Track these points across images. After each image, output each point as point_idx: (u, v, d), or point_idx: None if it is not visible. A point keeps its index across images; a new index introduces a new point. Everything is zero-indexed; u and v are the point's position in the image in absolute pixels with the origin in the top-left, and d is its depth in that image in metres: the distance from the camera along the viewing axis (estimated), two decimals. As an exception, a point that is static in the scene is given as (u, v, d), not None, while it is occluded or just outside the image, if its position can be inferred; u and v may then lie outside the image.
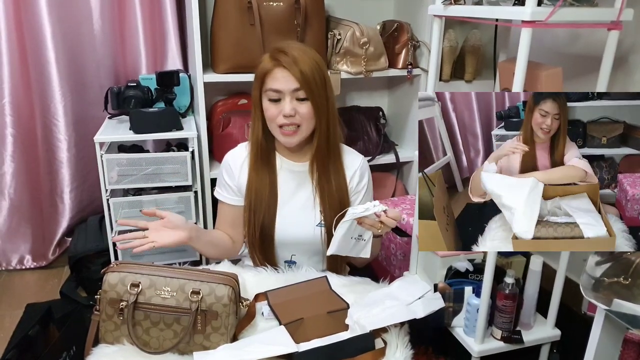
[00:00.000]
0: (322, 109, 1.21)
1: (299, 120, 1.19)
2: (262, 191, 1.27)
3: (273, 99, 1.19)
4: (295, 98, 1.18)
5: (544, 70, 1.22)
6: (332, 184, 1.27)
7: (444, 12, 1.29)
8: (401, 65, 1.94)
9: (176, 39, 2.04)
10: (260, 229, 1.27)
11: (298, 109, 1.18)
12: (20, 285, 1.97)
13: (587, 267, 0.85)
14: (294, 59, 1.16)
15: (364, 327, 1.00)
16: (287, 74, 1.16)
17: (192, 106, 1.95)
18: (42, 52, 1.90)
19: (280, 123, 1.20)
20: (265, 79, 1.20)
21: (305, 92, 1.17)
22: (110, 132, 1.74)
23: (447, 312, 1.36)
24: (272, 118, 1.20)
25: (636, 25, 1.37)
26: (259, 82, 1.21)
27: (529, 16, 1.01)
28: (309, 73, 1.16)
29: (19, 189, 2.01)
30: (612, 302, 0.77)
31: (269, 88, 1.19)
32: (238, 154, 1.33)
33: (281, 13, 1.73)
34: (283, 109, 1.18)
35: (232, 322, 0.99)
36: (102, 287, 0.97)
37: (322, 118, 1.22)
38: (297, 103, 1.18)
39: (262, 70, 1.20)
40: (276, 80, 1.17)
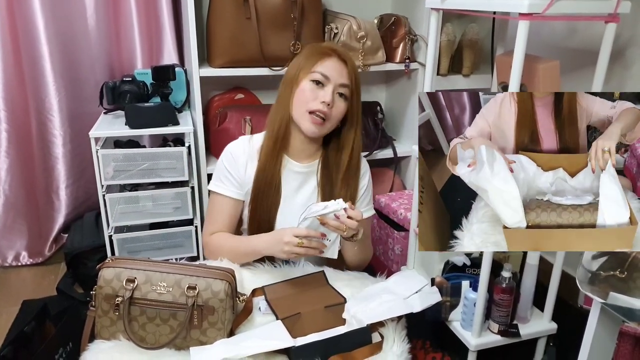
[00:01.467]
0: (354, 115, 1.23)
1: (330, 114, 1.18)
2: (270, 183, 1.24)
3: (317, 80, 1.17)
4: (337, 93, 1.19)
5: (542, 63, 1.22)
6: (345, 187, 1.26)
7: (442, 5, 1.29)
8: (399, 60, 1.94)
9: (172, 33, 2.02)
10: (259, 224, 1.26)
11: (336, 102, 1.19)
12: (17, 282, 1.97)
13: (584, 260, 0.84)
14: (350, 59, 1.21)
15: (361, 322, 1.00)
16: (343, 67, 1.18)
17: (188, 101, 1.94)
18: (36, 47, 1.88)
19: (313, 108, 1.17)
20: (317, 62, 1.18)
21: (350, 90, 1.20)
22: (105, 127, 1.73)
23: (445, 306, 1.37)
24: (307, 100, 1.17)
25: (633, 17, 1.37)
26: (310, 63, 1.18)
27: (526, 8, 1.01)
28: (358, 77, 1.22)
29: (14, 185, 1.99)
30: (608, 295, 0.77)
31: (320, 71, 1.17)
32: (242, 148, 1.27)
33: (277, 6, 1.72)
34: (323, 95, 1.16)
35: (229, 317, 0.98)
36: (98, 282, 0.97)
37: (354, 125, 1.24)
38: (336, 97, 1.19)
39: (316, 52, 1.20)
40: (330, 67, 1.18)
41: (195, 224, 1.83)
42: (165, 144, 1.85)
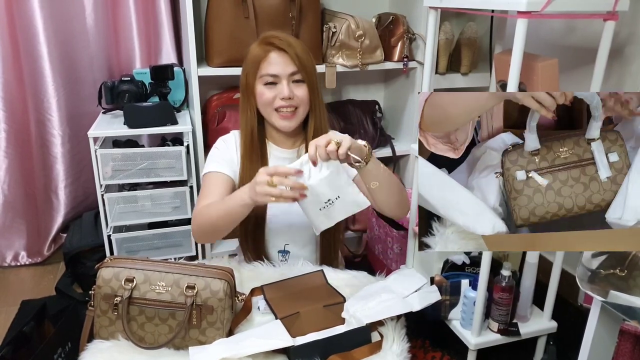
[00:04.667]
0: (315, 92, 1.22)
1: (296, 103, 1.20)
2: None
3: (269, 82, 1.19)
4: (292, 81, 1.19)
5: (540, 61, 1.22)
6: None
7: (440, 4, 1.29)
8: (397, 58, 1.93)
9: (170, 32, 2.02)
10: (254, 218, 1.26)
11: (295, 91, 1.19)
12: (16, 282, 1.96)
13: (583, 259, 0.84)
14: (288, 42, 1.18)
15: (360, 321, 0.99)
16: (285, 57, 1.17)
17: (186, 100, 1.94)
18: (35, 47, 1.88)
19: (277, 106, 1.20)
20: (260, 65, 1.19)
21: (302, 74, 1.19)
22: (104, 127, 1.73)
23: (444, 305, 1.37)
24: (269, 102, 1.20)
25: (632, 15, 1.37)
26: (254, 69, 1.20)
27: (524, 6, 1.00)
28: (305, 57, 1.19)
29: (12, 185, 1.99)
30: (609, 293, 0.77)
31: (266, 73, 1.18)
32: (233, 137, 1.31)
33: (276, 6, 1.72)
34: (280, 91, 1.18)
35: (227, 316, 0.98)
36: (96, 282, 0.96)
37: (316, 102, 1.23)
38: (293, 86, 1.20)
39: (255, 57, 1.20)
40: (273, 64, 1.18)
41: (194, 223, 1.83)
42: (164, 144, 1.85)
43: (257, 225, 1.28)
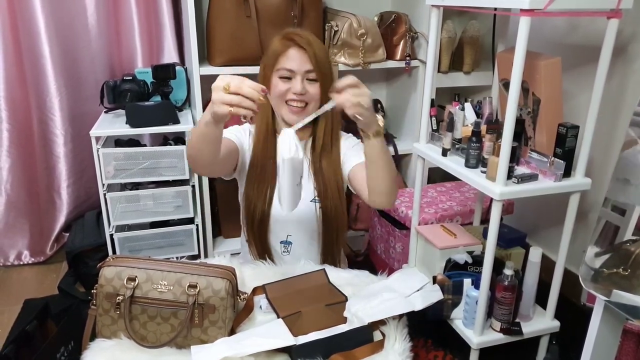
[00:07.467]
0: (326, 94, 1.22)
1: (307, 99, 1.23)
2: (267, 168, 1.28)
3: (285, 76, 1.22)
4: (306, 79, 1.22)
5: (543, 60, 1.21)
6: (327, 161, 1.30)
7: (442, 2, 1.28)
8: (399, 57, 1.93)
9: (172, 31, 2.02)
10: (255, 206, 1.29)
11: (308, 88, 1.23)
12: (18, 281, 1.97)
13: (587, 258, 0.84)
14: (309, 41, 1.21)
15: (362, 320, 0.99)
16: (303, 54, 1.20)
17: (188, 99, 1.94)
18: (37, 46, 1.88)
19: (288, 98, 1.23)
20: (278, 59, 1.22)
21: (316, 74, 1.22)
22: (106, 126, 1.73)
23: (446, 304, 1.36)
24: (281, 94, 1.23)
25: (636, 13, 1.36)
26: (272, 61, 1.23)
27: (527, 4, 1.00)
28: (322, 56, 1.23)
29: (15, 184, 2.00)
30: (612, 292, 0.77)
31: (283, 67, 1.22)
32: (246, 127, 1.35)
33: (277, 4, 1.72)
34: (293, 87, 1.22)
35: (229, 315, 0.98)
36: (99, 281, 0.96)
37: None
38: (307, 83, 1.23)
39: (275, 51, 1.23)
40: (290, 60, 1.21)
41: (196, 222, 1.83)
42: (166, 143, 1.85)
43: (262, 215, 1.30)
